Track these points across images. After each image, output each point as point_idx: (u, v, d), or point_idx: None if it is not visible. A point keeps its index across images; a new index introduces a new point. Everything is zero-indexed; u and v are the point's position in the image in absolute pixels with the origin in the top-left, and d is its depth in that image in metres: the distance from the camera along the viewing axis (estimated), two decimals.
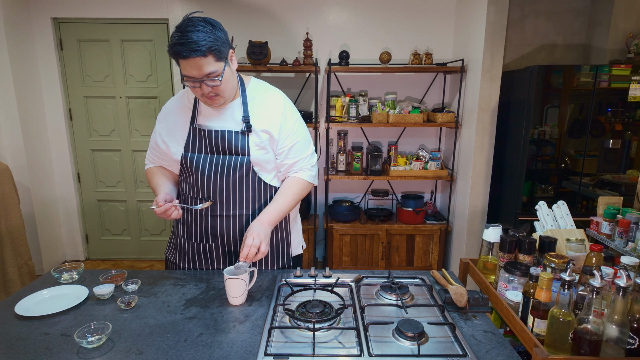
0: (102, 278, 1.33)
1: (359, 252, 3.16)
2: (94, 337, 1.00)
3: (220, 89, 1.22)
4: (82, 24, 3.23)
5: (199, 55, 1.12)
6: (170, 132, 1.38)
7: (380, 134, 3.38)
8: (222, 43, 1.18)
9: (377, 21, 3.17)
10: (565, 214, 1.58)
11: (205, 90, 1.21)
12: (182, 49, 1.11)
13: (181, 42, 1.11)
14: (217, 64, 1.17)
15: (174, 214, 1.29)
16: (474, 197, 2.86)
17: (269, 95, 1.38)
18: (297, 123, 1.38)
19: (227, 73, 1.22)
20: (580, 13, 3.18)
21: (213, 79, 1.18)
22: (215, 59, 1.16)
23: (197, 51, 1.12)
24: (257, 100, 1.35)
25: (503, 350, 1.01)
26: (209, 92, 1.22)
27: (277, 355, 0.96)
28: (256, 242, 1.23)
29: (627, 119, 2.54)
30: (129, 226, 3.61)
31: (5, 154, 3.01)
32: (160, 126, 1.41)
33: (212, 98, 1.25)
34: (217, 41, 1.15)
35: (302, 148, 1.39)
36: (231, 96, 1.30)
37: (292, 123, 1.36)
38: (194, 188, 1.36)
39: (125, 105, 3.37)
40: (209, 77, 1.17)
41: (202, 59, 1.14)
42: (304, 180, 1.40)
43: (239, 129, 1.31)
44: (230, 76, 1.25)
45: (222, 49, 1.18)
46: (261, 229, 1.27)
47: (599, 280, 1.02)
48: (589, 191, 2.63)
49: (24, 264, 2.73)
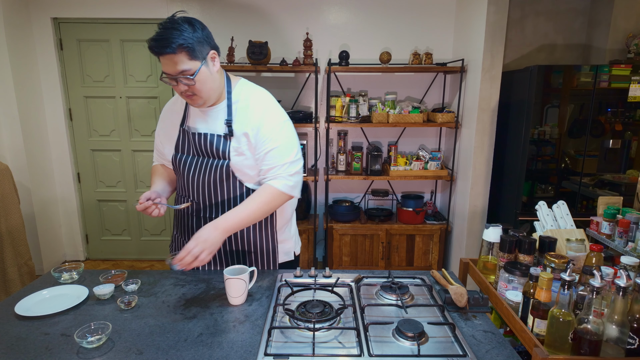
0: (102, 278, 1.33)
1: (359, 252, 3.16)
2: (94, 337, 1.00)
3: (196, 88, 1.21)
4: (82, 24, 3.23)
5: (168, 52, 1.13)
6: (165, 132, 1.43)
7: (380, 134, 3.38)
8: (199, 42, 1.18)
9: (377, 21, 3.17)
10: (565, 214, 1.58)
11: (181, 88, 1.21)
12: (154, 45, 1.14)
13: (154, 38, 1.14)
14: (190, 62, 1.17)
15: (154, 212, 1.30)
16: (474, 197, 2.86)
17: (251, 97, 1.33)
18: (278, 127, 1.30)
19: (204, 73, 1.21)
20: (580, 13, 3.18)
21: (187, 77, 1.18)
22: (189, 57, 1.16)
23: (166, 47, 1.13)
24: (241, 103, 1.32)
25: (503, 350, 1.01)
26: (185, 90, 1.22)
27: (277, 355, 0.96)
28: (196, 250, 1.16)
29: (627, 119, 2.54)
30: (129, 226, 3.61)
31: (5, 154, 3.01)
32: (159, 126, 1.46)
33: (189, 97, 1.25)
34: (192, 40, 1.15)
35: (280, 154, 1.29)
36: (211, 97, 1.27)
37: (271, 127, 1.28)
38: (183, 188, 1.40)
39: (125, 105, 3.37)
40: (183, 74, 1.18)
41: (174, 55, 1.14)
42: (276, 189, 1.29)
43: (222, 133, 1.31)
44: (207, 77, 1.22)
45: (198, 48, 1.17)
46: (210, 235, 1.20)
47: (599, 280, 1.02)
48: (589, 191, 2.63)
49: (24, 264, 2.73)
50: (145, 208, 1.28)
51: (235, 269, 1.24)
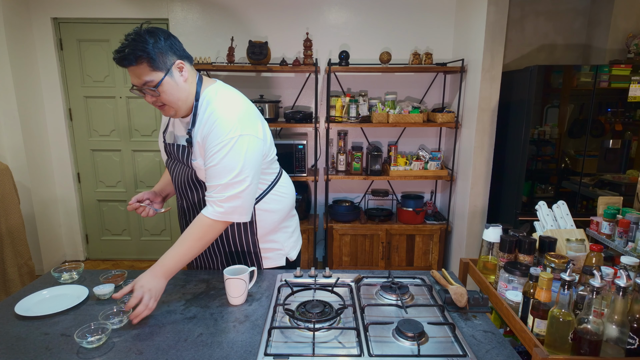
0: (102, 278, 1.33)
1: (359, 252, 3.16)
2: (94, 337, 1.00)
3: (164, 99, 1.19)
4: (82, 24, 3.23)
5: (127, 64, 1.13)
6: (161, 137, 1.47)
7: (380, 134, 3.38)
8: (161, 53, 1.15)
9: (377, 21, 3.17)
10: (565, 214, 1.58)
11: (149, 99, 1.21)
12: (116, 57, 1.13)
13: (117, 50, 1.14)
14: (153, 73, 1.15)
15: (143, 213, 1.42)
16: (474, 197, 2.86)
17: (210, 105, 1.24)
18: (221, 144, 1.18)
19: (168, 84, 1.18)
20: (580, 13, 3.18)
21: (150, 89, 1.17)
22: (150, 68, 1.14)
23: (125, 59, 1.12)
24: (202, 108, 1.25)
25: (503, 350, 1.01)
26: (154, 101, 1.21)
27: (277, 355, 0.96)
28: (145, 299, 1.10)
29: (627, 119, 2.54)
30: (129, 226, 3.61)
31: (5, 154, 3.01)
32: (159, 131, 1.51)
33: (160, 107, 1.24)
34: (153, 51, 1.13)
35: (214, 175, 1.20)
36: (182, 108, 1.24)
37: (214, 142, 1.19)
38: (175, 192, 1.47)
39: (125, 105, 3.37)
40: (147, 85, 1.17)
41: (135, 67, 1.14)
42: (207, 219, 1.20)
43: (184, 142, 1.30)
44: (172, 87, 1.19)
45: (159, 58, 1.15)
46: (151, 283, 1.13)
47: (599, 280, 1.02)
48: (589, 191, 2.63)
49: (24, 264, 2.73)
50: (134, 209, 1.41)
51: (235, 269, 1.24)
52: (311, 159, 3.30)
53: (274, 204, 1.41)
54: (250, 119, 1.25)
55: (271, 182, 1.41)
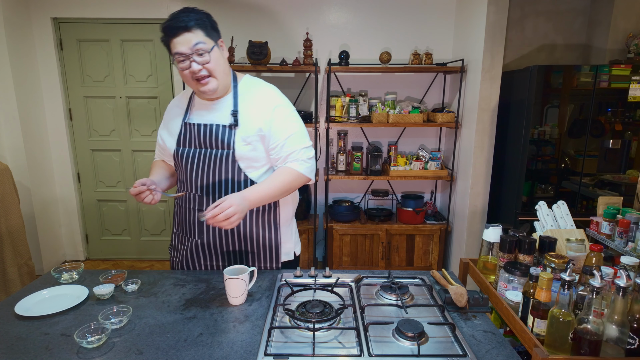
0: (102, 278, 1.33)
1: (359, 252, 3.16)
2: (94, 337, 1.00)
3: (210, 67, 1.24)
4: (82, 24, 3.23)
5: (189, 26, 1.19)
6: (168, 127, 1.44)
7: (380, 134, 3.38)
8: (212, 26, 1.26)
9: (377, 21, 3.17)
10: (565, 214, 1.58)
11: (194, 67, 1.22)
12: (171, 24, 1.20)
13: (170, 19, 1.21)
14: (206, 38, 1.22)
15: (148, 198, 1.29)
16: (474, 197, 2.86)
17: (260, 90, 1.37)
18: (290, 116, 1.35)
19: (217, 53, 1.26)
20: (580, 13, 3.18)
21: (201, 54, 1.22)
22: (204, 33, 1.22)
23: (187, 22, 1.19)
24: (249, 95, 1.35)
25: (503, 350, 1.01)
26: (199, 70, 1.23)
27: (277, 355, 0.96)
28: (230, 210, 1.14)
29: (627, 119, 2.54)
30: (129, 226, 3.61)
31: (5, 154, 3.01)
32: (162, 123, 1.48)
33: (203, 79, 1.25)
34: (206, 21, 1.23)
35: (297, 140, 1.34)
36: (223, 82, 1.30)
37: (283, 117, 1.33)
38: (185, 182, 1.39)
39: (125, 105, 3.37)
40: (198, 50, 1.21)
41: (189, 33, 1.20)
42: (295, 171, 1.33)
43: (226, 123, 1.32)
44: (220, 58, 1.27)
45: (211, 29, 1.25)
46: (241, 202, 1.19)
47: (599, 280, 1.02)
48: (589, 191, 2.63)
49: (24, 264, 2.73)
50: (139, 192, 1.27)
51: (235, 269, 1.24)
52: None
53: (289, 197, 1.46)
54: None
55: None
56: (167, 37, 1.22)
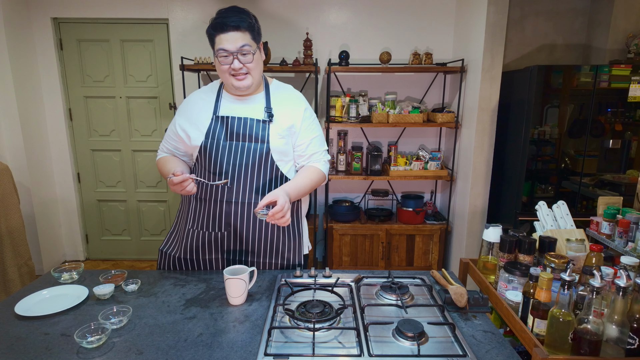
0: (102, 278, 1.33)
1: (359, 252, 3.16)
2: (94, 337, 1.00)
3: (251, 67, 1.31)
4: (82, 24, 3.23)
5: (242, 26, 1.26)
6: (191, 121, 1.39)
7: (380, 134, 3.38)
8: (258, 30, 1.34)
9: (377, 21, 3.17)
10: (565, 214, 1.58)
11: (236, 65, 1.29)
12: (225, 21, 1.25)
13: (223, 16, 1.27)
14: (251, 41, 1.30)
15: (190, 186, 1.26)
16: (474, 197, 2.86)
17: (291, 92, 1.49)
18: (315, 120, 1.49)
19: (258, 55, 1.34)
20: (580, 13, 3.18)
21: (245, 54, 1.29)
22: (251, 36, 1.30)
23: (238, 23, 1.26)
24: (280, 95, 1.44)
25: (503, 350, 1.01)
26: (240, 67, 1.30)
27: (277, 355, 0.96)
28: (286, 208, 1.23)
29: (627, 119, 2.54)
30: (129, 226, 3.61)
31: (5, 154, 3.01)
32: (180, 117, 1.43)
33: (241, 76, 1.32)
34: (255, 25, 1.32)
35: (320, 142, 1.48)
36: (257, 82, 1.38)
37: (312, 119, 1.46)
38: (212, 174, 1.36)
39: (125, 105, 3.37)
40: (243, 50, 1.28)
41: (240, 32, 1.27)
42: (320, 170, 1.46)
43: (260, 118, 1.37)
44: (259, 60, 1.36)
45: (257, 34, 1.33)
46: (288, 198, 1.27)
47: (599, 280, 1.02)
48: (589, 191, 2.63)
49: (24, 264, 2.73)
50: (183, 180, 1.24)
51: (235, 269, 1.24)
52: None
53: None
54: None
55: None
56: (214, 32, 1.28)
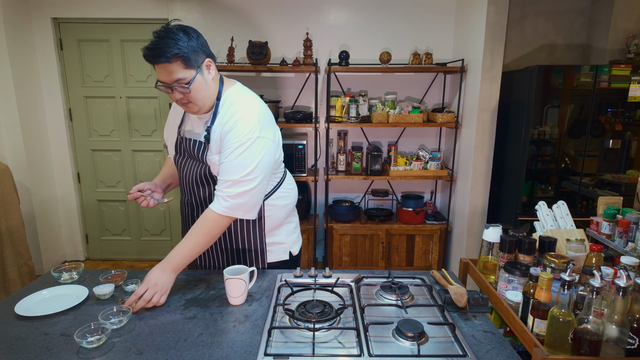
0: (102, 278, 1.33)
1: (359, 252, 3.16)
2: (94, 337, 1.00)
3: (191, 96, 1.21)
4: (82, 24, 3.23)
5: (163, 61, 1.14)
6: (170, 131, 1.47)
7: (380, 134, 3.38)
8: (194, 51, 1.18)
9: (377, 21, 3.17)
10: (565, 214, 1.58)
11: (176, 96, 1.22)
12: (149, 54, 1.14)
13: (149, 47, 1.14)
14: (186, 71, 1.17)
15: (143, 203, 1.39)
16: (474, 197, 2.86)
17: (233, 104, 1.28)
18: (237, 142, 1.22)
19: (199, 82, 1.20)
20: (580, 13, 3.18)
21: (182, 86, 1.18)
22: (184, 66, 1.16)
23: (161, 56, 1.13)
24: (224, 108, 1.29)
25: (503, 350, 1.01)
26: (181, 98, 1.22)
27: (277, 355, 0.96)
28: (147, 295, 1.16)
29: (627, 119, 2.54)
30: (129, 226, 3.61)
31: (5, 154, 3.01)
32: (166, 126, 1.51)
33: (185, 105, 1.25)
34: (187, 49, 1.15)
35: (226, 170, 1.24)
36: (206, 105, 1.27)
37: (232, 140, 1.22)
38: (182, 188, 1.46)
39: (125, 105, 3.37)
40: (178, 83, 1.18)
41: (169, 65, 1.15)
42: (214, 214, 1.24)
43: (202, 139, 1.31)
44: (202, 85, 1.22)
45: (193, 57, 1.17)
46: (160, 278, 1.19)
47: (599, 280, 1.02)
48: (589, 191, 2.63)
49: (24, 264, 2.73)
50: (135, 198, 1.37)
51: (235, 269, 1.24)
52: (311, 159, 3.30)
53: (282, 200, 1.46)
54: (268, 123, 1.30)
55: (279, 180, 1.46)
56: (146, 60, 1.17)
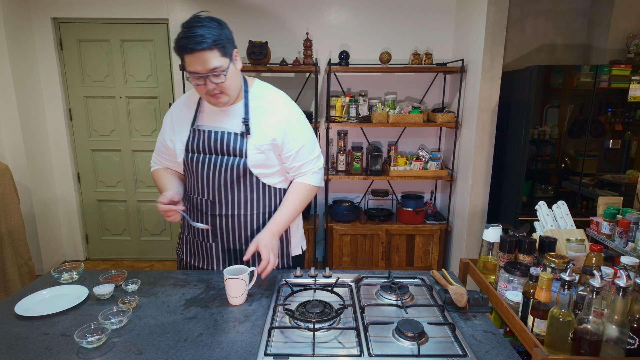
0: (102, 278, 1.33)
1: (359, 252, 3.16)
2: (94, 337, 1.00)
3: (225, 86, 1.22)
4: (82, 24, 3.23)
5: (204, 47, 1.13)
6: (176, 131, 1.39)
7: (380, 134, 3.38)
8: (228, 40, 1.20)
9: (377, 21, 3.17)
10: (565, 214, 1.58)
11: (209, 87, 1.21)
12: (188, 42, 1.13)
13: (187, 35, 1.13)
14: (222, 59, 1.18)
15: (172, 217, 1.28)
16: (474, 197, 2.86)
17: (272, 98, 1.36)
18: (302, 126, 1.37)
19: (232, 70, 1.23)
20: (580, 13, 3.18)
21: (217, 75, 1.19)
22: (220, 53, 1.18)
23: (202, 43, 1.13)
24: (260, 103, 1.33)
25: (503, 350, 1.01)
26: (213, 89, 1.21)
27: (277, 355, 0.96)
28: (272, 258, 1.25)
29: (627, 119, 2.54)
30: (128, 226, 3.61)
31: (5, 154, 3.01)
32: (167, 126, 1.42)
33: (216, 96, 1.24)
34: (223, 37, 1.17)
35: (308, 151, 1.38)
36: (235, 96, 1.29)
37: (297, 127, 1.35)
38: (196, 188, 1.38)
39: (125, 105, 3.37)
40: (214, 72, 1.18)
41: (208, 52, 1.15)
42: (309, 185, 1.40)
43: (238, 131, 1.31)
44: (234, 74, 1.25)
45: (228, 45, 1.20)
46: (273, 241, 1.29)
47: (599, 280, 1.02)
48: (589, 191, 2.63)
49: (24, 264, 2.73)
50: (166, 210, 1.26)
51: (235, 269, 1.24)
52: None
53: None
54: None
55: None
56: (180, 52, 1.17)
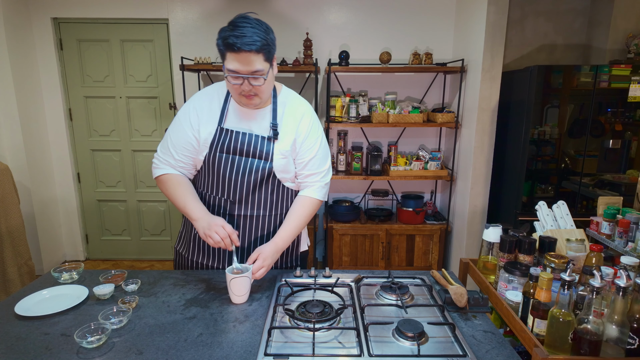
0: (102, 278, 1.33)
1: (359, 252, 3.16)
2: (94, 337, 1.00)
3: (261, 89, 1.23)
4: (82, 24, 3.23)
5: (253, 49, 1.14)
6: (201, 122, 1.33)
7: (380, 134, 3.38)
8: (273, 45, 1.22)
9: (377, 21, 3.17)
10: (565, 214, 1.58)
11: (245, 87, 1.21)
12: (237, 42, 1.13)
13: (236, 34, 1.13)
14: (264, 63, 1.19)
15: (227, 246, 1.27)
16: (474, 197, 2.86)
17: (298, 106, 1.38)
18: (319, 138, 1.39)
19: (270, 75, 1.24)
20: (580, 13, 3.18)
21: (257, 78, 1.19)
22: (265, 58, 1.19)
23: (252, 45, 1.13)
24: (287, 109, 1.36)
25: (503, 350, 1.01)
26: (249, 90, 1.22)
27: (277, 355, 0.96)
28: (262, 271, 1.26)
29: (627, 119, 2.54)
30: (128, 226, 3.61)
31: (5, 154, 3.01)
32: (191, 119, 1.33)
33: (249, 97, 1.24)
34: (269, 42, 1.19)
35: (319, 163, 1.40)
36: (266, 99, 1.31)
37: (315, 137, 1.37)
38: (215, 187, 1.36)
39: (125, 105, 3.37)
40: (255, 74, 1.19)
41: (254, 54, 1.15)
42: (315, 200, 1.41)
43: (265, 135, 1.32)
44: (271, 79, 1.26)
45: (272, 50, 1.21)
46: (274, 256, 1.31)
47: (599, 280, 1.02)
48: (589, 191, 2.63)
49: (24, 264, 2.73)
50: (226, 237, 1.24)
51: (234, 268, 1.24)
52: None
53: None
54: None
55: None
56: (226, 49, 1.16)
